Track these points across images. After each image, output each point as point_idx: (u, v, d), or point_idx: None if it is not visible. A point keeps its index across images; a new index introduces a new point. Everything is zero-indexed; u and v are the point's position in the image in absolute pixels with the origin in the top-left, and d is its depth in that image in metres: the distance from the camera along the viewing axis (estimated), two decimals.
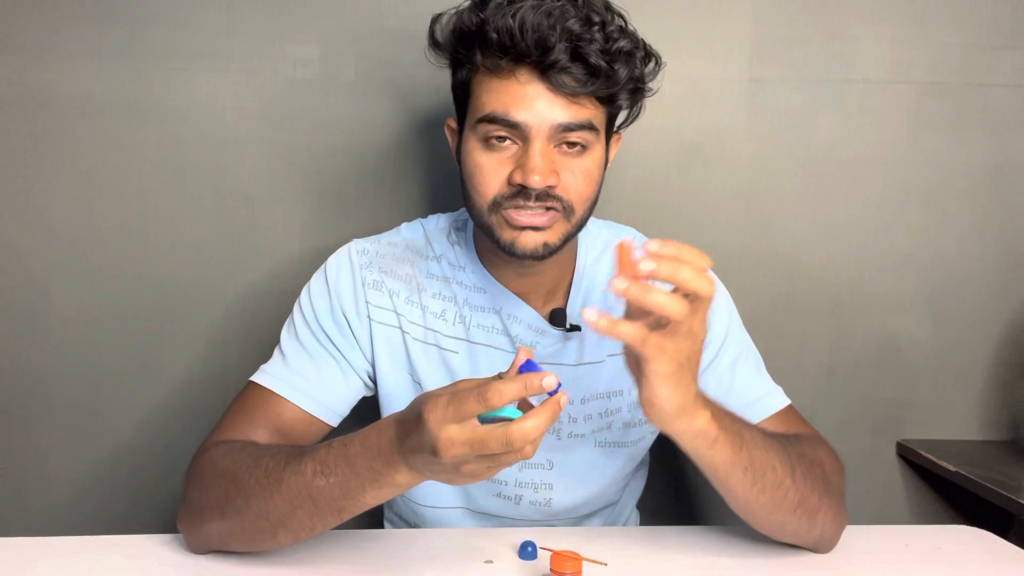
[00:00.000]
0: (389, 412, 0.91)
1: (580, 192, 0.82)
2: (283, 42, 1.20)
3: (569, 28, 0.76)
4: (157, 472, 1.23)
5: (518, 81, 0.79)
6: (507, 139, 0.81)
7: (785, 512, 0.78)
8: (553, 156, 0.80)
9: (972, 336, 1.33)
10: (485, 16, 0.79)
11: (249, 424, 0.86)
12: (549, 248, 0.83)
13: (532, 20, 0.76)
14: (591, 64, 0.77)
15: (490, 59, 0.79)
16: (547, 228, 0.82)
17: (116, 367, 1.22)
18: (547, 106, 0.78)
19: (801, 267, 1.30)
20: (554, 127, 0.79)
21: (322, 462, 0.71)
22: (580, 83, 0.78)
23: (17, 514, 1.23)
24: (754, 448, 0.75)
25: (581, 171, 0.82)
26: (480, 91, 0.82)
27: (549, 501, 0.93)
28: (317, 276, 0.93)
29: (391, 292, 0.91)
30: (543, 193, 0.80)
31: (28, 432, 1.22)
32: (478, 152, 0.82)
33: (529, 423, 0.61)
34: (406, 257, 0.93)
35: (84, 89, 1.18)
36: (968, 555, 0.86)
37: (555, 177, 0.80)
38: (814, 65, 1.27)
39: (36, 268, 1.20)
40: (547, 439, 0.92)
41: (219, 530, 0.78)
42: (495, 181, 0.81)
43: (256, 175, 1.21)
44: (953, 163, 1.30)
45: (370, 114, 1.21)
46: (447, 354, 0.91)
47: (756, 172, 1.28)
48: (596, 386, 0.92)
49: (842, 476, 0.87)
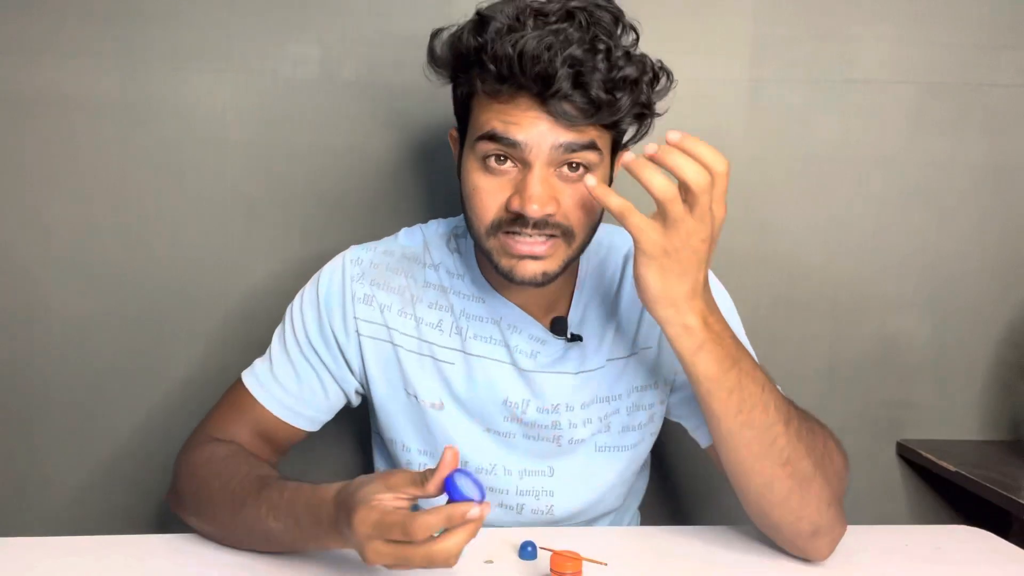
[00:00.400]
0: (386, 425, 0.93)
1: (579, 217, 0.80)
2: (283, 42, 1.20)
3: (572, 55, 0.73)
4: (157, 472, 1.23)
5: (517, 105, 0.77)
6: (507, 160, 0.79)
7: (772, 463, 0.76)
8: (553, 182, 0.78)
9: (972, 336, 1.33)
10: (484, 40, 0.76)
11: (234, 424, 0.90)
12: (548, 276, 0.81)
13: (533, 50, 0.73)
14: (592, 95, 0.75)
15: (489, 84, 0.77)
16: (547, 257, 0.80)
17: (116, 367, 1.22)
18: (547, 128, 0.76)
19: (801, 267, 1.30)
20: (555, 148, 0.77)
21: (275, 506, 0.75)
22: (582, 112, 0.76)
23: (17, 514, 1.23)
24: (745, 377, 0.75)
25: (581, 195, 0.79)
26: (480, 110, 0.80)
27: (551, 508, 0.92)
28: (310, 286, 0.93)
29: (382, 306, 0.90)
30: (542, 221, 0.78)
31: (28, 432, 1.22)
32: (477, 174, 0.80)
33: (451, 541, 0.63)
34: (401, 267, 0.92)
35: (84, 89, 1.18)
36: (968, 555, 0.86)
37: (554, 205, 0.78)
38: (814, 65, 1.27)
39: (36, 268, 1.20)
40: (548, 447, 0.91)
41: (197, 525, 0.84)
42: (493, 205, 0.79)
43: (256, 175, 1.21)
44: (953, 163, 1.30)
45: (370, 115, 1.21)
46: (442, 365, 0.90)
47: (756, 172, 1.28)
48: (596, 391, 0.92)
49: (845, 468, 0.84)
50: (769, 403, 0.76)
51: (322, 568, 0.78)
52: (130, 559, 0.80)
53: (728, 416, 0.75)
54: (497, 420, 0.91)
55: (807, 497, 0.77)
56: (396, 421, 0.92)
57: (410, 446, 0.92)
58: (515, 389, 0.90)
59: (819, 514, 0.78)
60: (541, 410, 0.90)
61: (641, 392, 0.93)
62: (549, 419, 0.90)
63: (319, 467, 1.24)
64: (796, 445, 0.76)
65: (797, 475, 0.77)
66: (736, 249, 1.28)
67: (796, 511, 0.78)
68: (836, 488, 0.81)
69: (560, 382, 0.90)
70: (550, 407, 0.90)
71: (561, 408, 0.90)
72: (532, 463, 0.92)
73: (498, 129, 0.77)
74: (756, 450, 0.76)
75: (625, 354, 0.92)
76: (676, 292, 0.72)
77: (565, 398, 0.90)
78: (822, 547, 0.81)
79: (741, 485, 0.80)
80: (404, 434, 0.93)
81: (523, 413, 0.90)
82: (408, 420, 0.92)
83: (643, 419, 0.94)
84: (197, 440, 0.89)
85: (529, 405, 0.90)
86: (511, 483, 0.91)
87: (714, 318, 0.75)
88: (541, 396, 0.90)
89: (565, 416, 0.90)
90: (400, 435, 0.93)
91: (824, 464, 0.79)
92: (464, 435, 0.91)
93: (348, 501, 0.68)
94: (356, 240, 0.97)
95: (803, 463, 0.77)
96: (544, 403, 0.90)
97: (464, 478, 0.65)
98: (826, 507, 0.78)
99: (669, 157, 0.68)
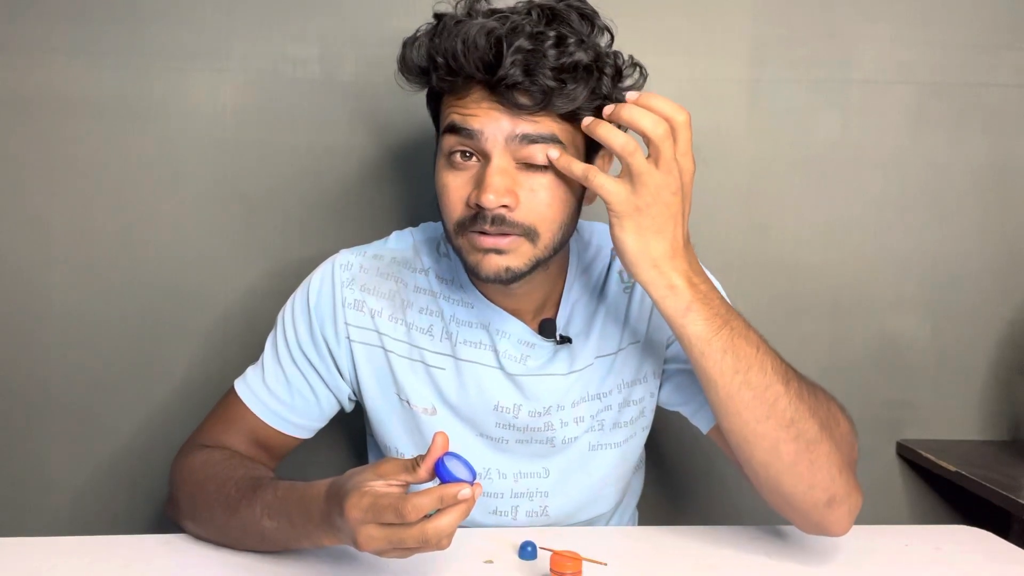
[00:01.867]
0: (380, 430, 0.93)
1: (542, 214, 0.78)
2: (283, 42, 1.20)
3: (517, 42, 0.73)
4: (157, 472, 1.23)
5: (473, 99, 0.77)
6: (471, 155, 0.78)
7: (776, 425, 0.74)
8: (513, 175, 0.77)
9: (972, 336, 1.33)
10: (434, 41, 0.77)
11: (227, 432, 0.91)
12: (512, 273, 0.79)
13: (473, 39, 0.74)
14: (540, 83, 0.73)
15: (443, 81, 0.78)
16: (509, 252, 0.78)
17: (116, 367, 1.22)
18: (505, 119, 0.76)
19: (801, 267, 1.30)
20: (511, 138, 0.76)
21: (269, 506, 0.76)
22: (534, 101, 0.74)
23: (17, 514, 1.23)
24: (738, 337, 0.74)
25: (544, 190, 0.77)
26: (444, 107, 0.81)
27: (545, 509, 0.92)
28: (299, 292, 0.93)
29: (372, 312, 0.90)
30: (498, 217, 0.76)
31: (28, 432, 1.23)
32: (444, 171, 0.80)
33: (444, 520, 0.64)
34: (391, 272, 0.92)
35: (84, 89, 1.18)
36: (968, 555, 0.86)
37: (511, 197, 0.76)
38: (814, 65, 1.27)
39: (36, 268, 1.20)
40: (542, 448, 0.91)
41: (193, 529, 0.85)
42: (459, 202, 0.79)
43: (256, 175, 1.21)
44: (953, 163, 1.30)
45: (370, 114, 1.21)
46: (433, 370, 0.90)
47: (756, 172, 1.28)
48: (586, 389, 0.91)
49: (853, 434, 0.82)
50: (766, 363, 0.75)
51: (322, 568, 0.78)
52: (130, 559, 0.79)
53: (725, 377, 0.74)
54: (489, 425, 0.90)
55: (817, 461, 0.75)
56: (389, 426, 0.92)
57: (404, 452, 0.92)
58: (505, 394, 0.89)
59: (831, 480, 0.76)
60: (533, 414, 0.90)
61: (630, 387, 0.93)
62: (541, 421, 0.90)
63: (314, 471, 1.24)
64: (799, 405, 0.75)
65: (803, 436, 0.75)
66: (736, 249, 1.28)
67: (807, 478, 0.76)
68: (846, 453, 0.79)
69: (551, 384, 0.90)
70: (542, 409, 0.90)
71: (553, 409, 0.90)
72: (526, 465, 0.91)
73: (456, 120, 0.78)
74: (758, 412, 0.74)
75: (613, 350, 0.92)
76: (656, 251, 0.73)
77: (556, 399, 0.90)
78: (841, 518, 0.78)
79: (746, 454, 0.77)
80: (398, 439, 0.92)
81: (515, 418, 0.90)
82: (401, 425, 0.92)
83: (634, 414, 0.93)
84: (191, 447, 0.90)
85: (520, 409, 0.90)
86: (506, 486, 0.91)
87: (699, 278, 0.75)
88: (532, 399, 0.90)
89: (557, 416, 0.90)
90: (394, 440, 0.92)
91: (830, 426, 0.77)
92: (457, 440, 0.90)
93: (339, 492, 0.68)
94: (356, 240, 0.97)
95: (808, 424, 0.75)
96: (536, 406, 0.90)
97: (455, 460, 0.65)
98: (838, 472, 0.76)
99: (625, 111, 0.71)
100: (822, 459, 0.76)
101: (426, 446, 0.90)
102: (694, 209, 1.26)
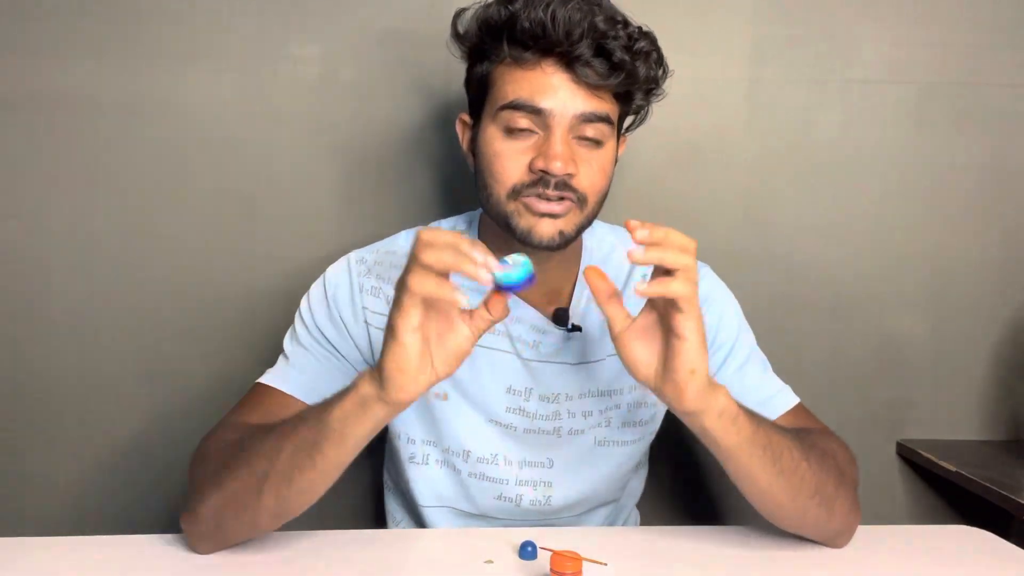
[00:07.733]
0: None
1: (595, 184, 0.84)
2: (283, 42, 1.20)
3: (595, 24, 0.80)
4: (157, 472, 1.23)
5: (543, 71, 0.81)
6: (527, 129, 0.82)
7: (804, 497, 0.79)
8: (573, 147, 0.83)
9: (972, 336, 1.33)
10: (515, 9, 0.81)
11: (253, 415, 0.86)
12: (564, 237, 0.84)
13: (563, 14, 0.79)
14: (614, 60, 0.81)
15: (517, 50, 0.82)
16: (562, 216, 0.83)
17: (117, 367, 1.22)
18: (569, 96, 0.81)
19: (801, 267, 1.30)
20: (575, 116, 0.81)
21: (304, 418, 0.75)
22: (602, 76, 0.81)
23: (17, 514, 1.23)
24: (766, 426, 0.77)
25: (597, 164, 0.84)
26: (503, 81, 0.84)
27: (548, 499, 0.94)
28: (316, 285, 0.94)
29: (388, 299, 0.91)
30: (561, 182, 0.82)
31: (28, 432, 1.22)
32: (498, 140, 0.84)
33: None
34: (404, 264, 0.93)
35: (84, 89, 1.18)
36: (968, 555, 0.86)
37: (574, 166, 0.82)
38: (814, 65, 1.27)
39: (36, 268, 1.20)
40: (547, 438, 0.93)
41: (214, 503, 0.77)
42: (516, 168, 0.83)
43: (256, 175, 1.21)
44: (953, 163, 1.30)
45: (370, 114, 1.21)
46: None
47: (756, 172, 1.28)
48: (596, 383, 0.93)
49: (855, 467, 0.88)
50: (788, 444, 0.78)
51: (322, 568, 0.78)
52: (130, 559, 0.80)
53: (767, 469, 0.76)
54: (500, 411, 0.92)
55: (834, 511, 0.81)
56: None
57: (415, 437, 0.94)
58: (518, 377, 0.92)
59: (844, 521, 0.83)
60: (543, 399, 0.92)
61: (644, 390, 0.93)
62: (550, 409, 0.92)
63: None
64: (818, 473, 0.80)
65: (825, 501, 0.80)
66: (736, 249, 1.28)
67: (824, 526, 0.83)
68: (854, 493, 0.85)
69: (561, 372, 0.92)
70: (551, 396, 0.92)
71: (561, 398, 0.92)
72: (532, 454, 0.93)
73: (523, 97, 0.82)
74: (790, 491, 0.78)
75: None
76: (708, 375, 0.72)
77: (565, 388, 0.92)
78: (844, 541, 0.86)
79: (775, 520, 0.83)
80: (409, 424, 0.94)
81: (525, 401, 0.92)
82: (413, 411, 0.93)
83: (644, 417, 0.95)
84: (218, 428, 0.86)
85: (532, 394, 0.92)
86: (511, 473, 0.93)
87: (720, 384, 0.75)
88: (542, 385, 0.92)
89: (565, 406, 0.92)
90: (405, 426, 0.94)
91: (843, 479, 0.83)
92: (467, 425, 0.92)
93: None
94: (356, 240, 0.97)
95: (827, 487, 0.80)
96: (545, 391, 0.92)
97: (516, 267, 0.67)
98: (849, 510, 0.83)
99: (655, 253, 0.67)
100: (838, 510, 0.82)
101: (436, 432, 0.93)
102: (694, 208, 1.28)
